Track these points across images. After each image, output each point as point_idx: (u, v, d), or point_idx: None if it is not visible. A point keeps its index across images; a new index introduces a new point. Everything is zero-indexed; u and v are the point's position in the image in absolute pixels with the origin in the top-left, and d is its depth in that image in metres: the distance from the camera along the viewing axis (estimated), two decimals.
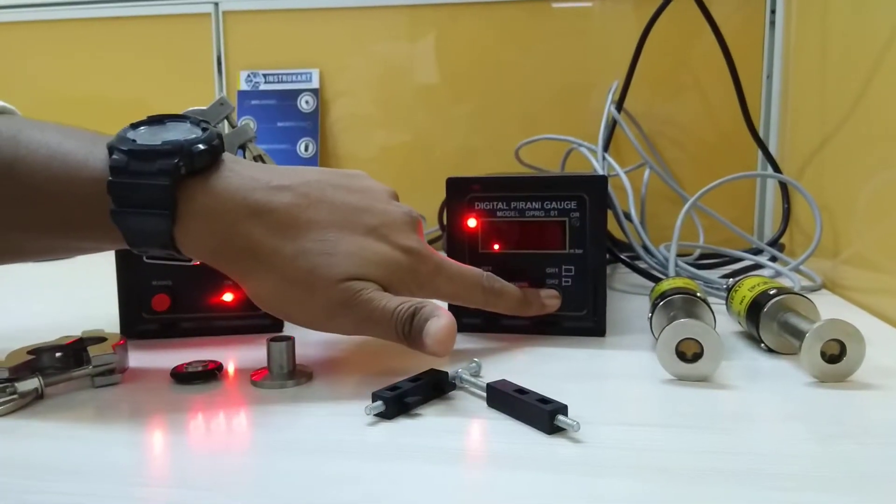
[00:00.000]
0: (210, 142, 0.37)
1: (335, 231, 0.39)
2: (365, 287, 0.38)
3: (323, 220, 0.39)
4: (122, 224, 0.36)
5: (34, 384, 0.36)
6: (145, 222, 0.36)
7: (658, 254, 0.67)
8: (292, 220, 0.38)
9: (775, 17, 0.85)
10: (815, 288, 0.64)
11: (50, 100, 1.05)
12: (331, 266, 0.37)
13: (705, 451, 0.30)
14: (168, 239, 0.37)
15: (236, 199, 0.37)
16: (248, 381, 0.39)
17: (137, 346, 0.45)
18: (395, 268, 0.39)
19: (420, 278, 0.41)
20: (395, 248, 0.40)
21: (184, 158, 0.36)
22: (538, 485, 0.27)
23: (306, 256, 0.37)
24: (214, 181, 0.37)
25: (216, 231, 0.37)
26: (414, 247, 0.41)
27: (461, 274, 0.44)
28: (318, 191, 0.40)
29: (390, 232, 0.40)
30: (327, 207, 0.39)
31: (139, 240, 0.37)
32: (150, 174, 0.36)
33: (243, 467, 0.29)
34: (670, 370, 0.39)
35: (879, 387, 0.37)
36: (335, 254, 0.38)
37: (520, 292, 0.46)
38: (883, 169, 0.56)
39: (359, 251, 0.38)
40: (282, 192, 0.38)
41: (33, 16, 1.04)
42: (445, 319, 0.37)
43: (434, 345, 0.37)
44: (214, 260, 0.38)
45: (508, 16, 0.92)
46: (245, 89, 0.98)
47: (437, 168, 0.92)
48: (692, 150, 0.90)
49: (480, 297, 0.45)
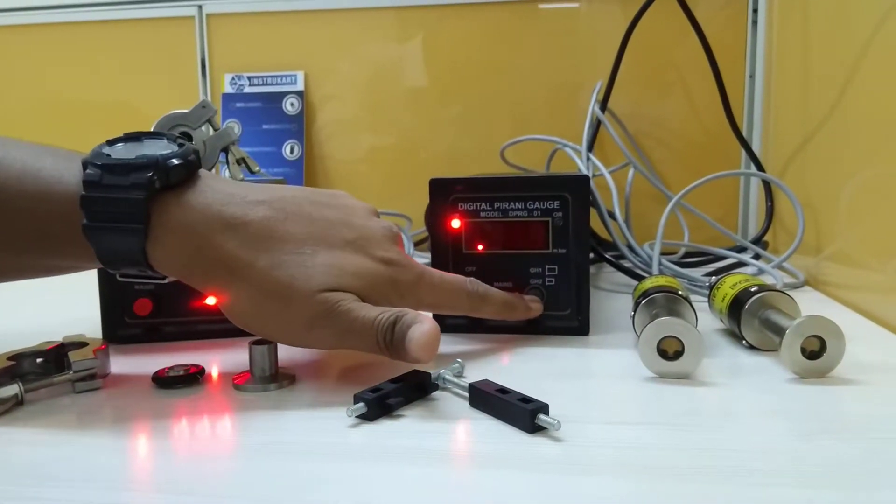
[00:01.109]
0: (185, 157, 0.37)
1: (311, 244, 0.38)
2: (344, 298, 0.37)
3: (299, 233, 0.38)
4: (93, 239, 0.36)
5: (14, 390, 0.36)
6: (118, 237, 0.35)
7: (642, 253, 0.67)
8: (268, 232, 0.37)
9: (757, 16, 0.86)
10: (798, 285, 0.64)
11: (34, 103, 1.04)
12: (308, 278, 0.37)
13: (687, 449, 0.30)
14: (141, 255, 0.36)
15: (210, 212, 0.37)
16: (231, 384, 0.39)
17: (119, 351, 0.45)
18: (373, 279, 0.39)
19: (401, 288, 0.40)
20: (373, 260, 0.39)
21: (158, 172, 0.36)
22: (520, 484, 0.27)
23: (282, 268, 0.37)
24: (189, 196, 0.37)
25: (189, 245, 0.36)
26: (393, 258, 0.40)
27: (444, 281, 0.43)
28: (295, 205, 0.39)
29: (368, 245, 0.40)
30: (304, 221, 0.39)
31: (111, 256, 0.36)
32: (123, 188, 0.35)
33: (226, 471, 0.29)
34: (652, 368, 0.39)
35: (859, 382, 0.38)
36: (312, 266, 0.37)
37: (504, 296, 0.46)
38: (864, 167, 0.57)
39: (336, 263, 0.38)
40: (257, 206, 0.38)
41: (17, 20, 1.03)
42: (428, 325, 0.36)
43: (417, 351, 0.36)
44: (188, 275, 0.37)
45: (495, 17, 0.93)
46: (230, 92, 0.98)
47: (425, 170, 0.92)
48: (676, 150, 0.90)
49: (465, 304, 0.44)
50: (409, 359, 0.36)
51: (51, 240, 0.37)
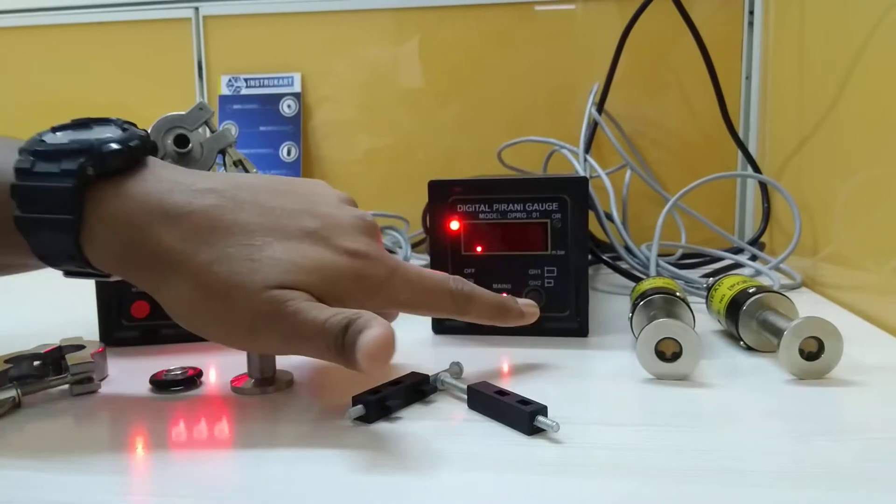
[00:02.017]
0: (126, 142, 0.34)
1: (262, 235, 0.34)
2: (293, 297, 0.32)
3: (250, 222, 0.34)
4: (25, 231, 0.33)
5: (11, 393, 0.36)
6: (51, 230, 0.33)
7: (640, 254, 0.67)
8: (212, 222, 0.33)
9: (753, 18, 0.86)
10: (795, 286, 0.64)
11: (31, 105, 1.04)
12: (252, 272, 0.32)
13: (685, 450, 0.30)
14: (75, 249, 0.33)
15: (150, 201, 0.33)
16: (229, 387, 0.39)
17: (117, 354, 0.45)
18: (333, 274, 0.34)
19: (368, 285, 0.35)
20: (336, 252, 0.35)
21: (93, 158, 0.33)
22: (518, 486, 0.27)
23: (224, 262, 0.33)
24: (128, 184, 0.34)
25: (123, 237, 0.33)
26: (361, 249, 0.35)
27: (422, 278, 0.38)
28: (250, 193, 0.35)
29: (332, 235, 0.35)
30: (257, 210, 0.35)
31: (46, 251, 0.34)
32: (54, 175, 0.32)
33: (224, 474, 0.29)
34: (650, 370, 0.39)
35: (857, 383, 0.38)
36: (259, 259, 0.33)
37: (494, 298, 0.40)
38: (860, 168, 0.57)
39: (288, 256, 0.34)
40: (205, 195, 0.34)
41: (13, 22, 1.03)
42: (379, 329, 0.31)
43: (364, 360, 0.30)
44: (122, 269, 0.34)
45: (492, 18, 0.93)
46: (226, 94, 0.98)
47: (422, 171, 0.92)
48: (673, 151, 0.90)
49: (448, 304, 0.38)
50: (357, 368, 0.31)
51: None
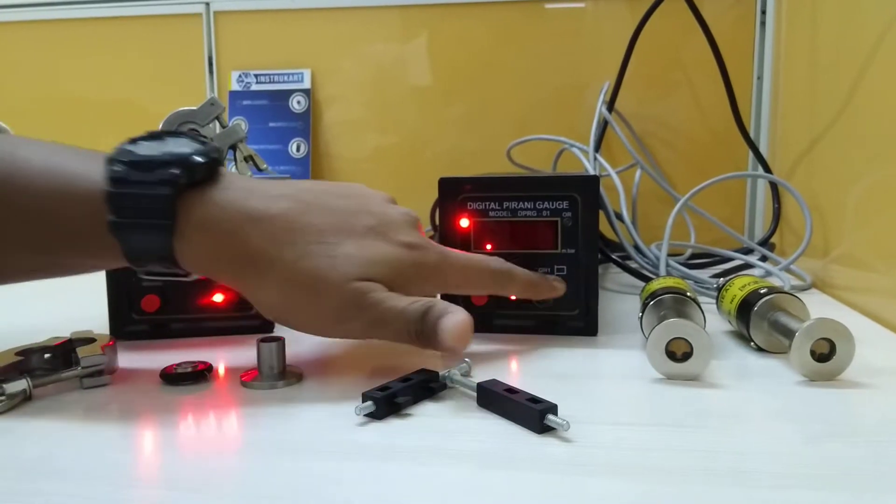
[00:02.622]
0: (209, 154, 0.37)
1: (334, 234, 0.38)
2: (373, 288, 0.38)
3: (321, 223, 0.38)
4: (121, 236, 0.36)
5: (22, 385, 0.36)
6: (145, 234, 0.36)
7: (649, 253, 0.67)
8: (290, 224, 0.38)
9: (766, 17, 0.86)
10: (805, 287, 0.64)
11: (42, 100, 1.04)
12: (333, 268, 0.37)
13: (695, 451, 0.30)
14: (168, 251, 0.36)
15: (234, 207, 0.37)
16: (238, 381, 0.39)
17: (127, 347, 0.45)
18: (397, 264, 0.39)
19: (425, 271, 0.40)
20: (396, 245, 0.40)
21: (184, 169, 0.36)
22: (528, 484, 0.27)
23: (307, 259, 0.37)
24: (212, 192, 0.37)
25: (215, 240, 0.37)
26: (415, 241, 0.41)
27: (469, 261, 0.43)
28: (314, 197, 0.40)
29: (389, 230, 0.40)
30: (324, 211, 0.39)
31: (138, 253, 0.36)
32: (150, 184, 0.35)
33: (233, 468, 0.29)
34: (660, 370, 0.39)
35: (868, 385, 0.37)
36: (336, 255, 0.38)
37: (530, 275, 0.46)
38: (872, 169, 0.56)
39: (359, 251, 0.38)
40: (279, 200, 0.38)
41: (24, 16, 1.03)
42: (462, 314, 0.37)
43: (452, 340, 0.36)
44: (215, 271, 0.38)
45: (501, 16, 0.93)
46: (236, 89, 0.98)
47: (430, 168, 0.92)
48: (683, 151, 0.90)
49: (490, 282, 0.44)
50: (441, 348, 0.37)
51: (76, 238, 0.37)
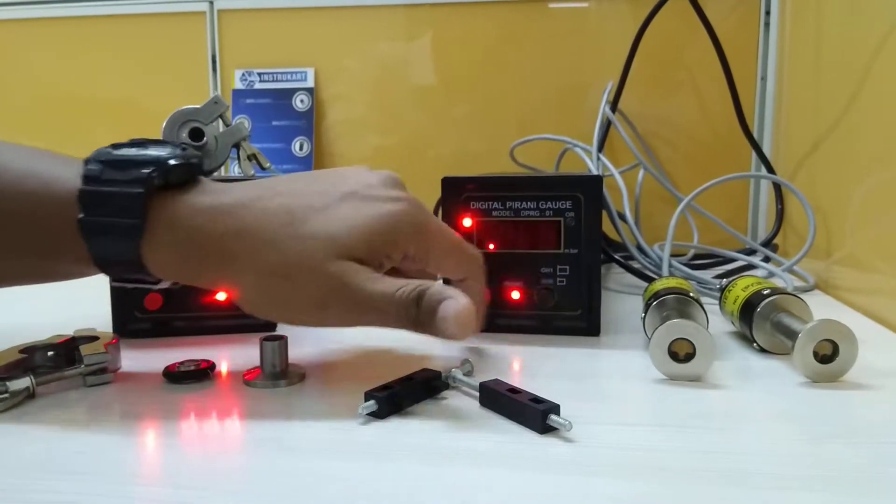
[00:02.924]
0: (187, 159, 0.37)
1: (302, 212, 0.36)
2: (355, 270, 0.35)
3: (291, 203, 0.37)
4: (88, 235, 0.35)
5: (26, 383, 0.36)
6: (113, 234, 0.35)
7: (652, 254, 0.67)
8: (257, 212, 0.36)
9: (770, 18, 0.85)
10: (808, 288, 0.64)
11: (44, 98, 1.04)
12: (302, 250, 0.35)
13: (697, 451, 0.30)
14: (135, 254, 0.35)
15: (203, 205, 0.36)
16: (241, 380, 0.39)
17: (130, 346, 0.45)
18: (376, 224, 0.36)
19: (410, 228, 0.37)
20: (379, 202, 0.37)
21: (158, 170, 0.35)
22: (530, 484, 0.27)
23: (277, 245, 0.35)
24: (186, 195, 0.36)
25: (184, 238, 0.35)
26: (401, 195, 0.38)
27: (453, 234, 0.41)
28: (286, 184, 0.38)
29: (371, 191, 0.38)
30: (296, 194, 0.37)
31: (105, 254, 0.35)
32: (123, 182, 0.35)
33: (236, 467, 0.29)
34: (663, 370, 0.39)
35: (871, 387, 0.37)
36: (304, 236, 0.35)
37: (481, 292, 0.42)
38: (876, 170, 0.56)
39: (330, 227, 0.36)
40: (249, 190, 0.37)
41: (27, 13, 1.03)
42: (462, 299, 0.34)
43: (456, 328, 0.34)
44: (187, 273, 0.37)
45: (505, 16, 0.93)
46: (240, 88, 0.98)
47: (433, 168, 0.92)
48: (687, 151, 0.90)
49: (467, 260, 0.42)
50: (442, 335, 0.34)
51: (50, 241, 0.36)
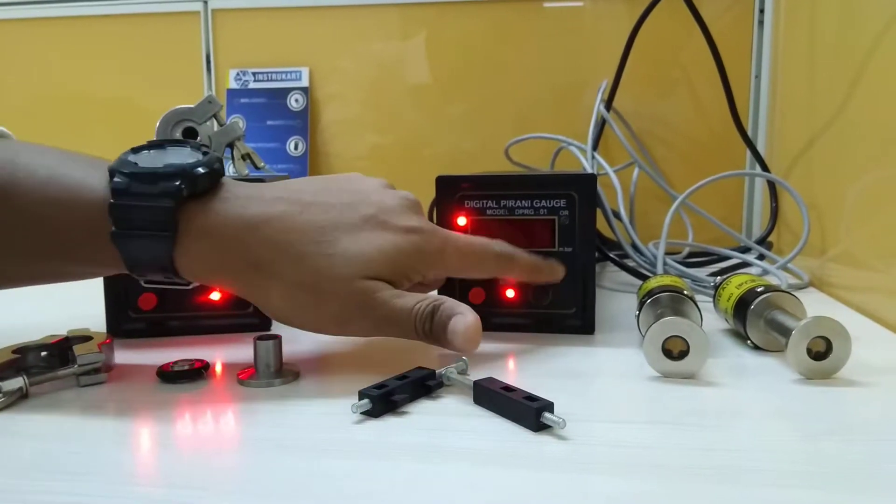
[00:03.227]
0: (211, 165, 0.38)
1: (331, 230, 0.38)
2: (377, 287, 0.38)
3: (318, 220, 0.39)
4: (122, 247, 0.36)
5: (19, 383, 0.36)
6: (146, 245, 0.36)
7: (647, 252, 0.67)
8: (288, 227, 0.38)
9: (764, 16, 0.86)
10: (803, 286, 0.64)
11: (39, 98, 1.04)
12: (332, 267, 0.37)
13: (691, 448, 0.30)
14: (168, 261, 0.36)
15: (233, 215, 0.37)
16: (235, 379, 0.39)
17: (124, 345, 0.45)
18: (396, 253, 0.39)
19: (428, 257, 0.40)
20: (396, 232, 0.39)
21: (186, 181, 0.36)
22: (524, 482, 0.27)
23: (306, 261, 0.37)
24: (212, 202, 0.37)
25: (215, 249, 0.37)
26: (415, 226, 0.40)
27: (471, 245, 0.43)
28: (310, 195, 0.40)
29: (389, 217, 0.40)
30: (320, 209, 0.39)
31: (139, 263, 0.37)
32: (152, 196, 0.36)
33: (230, 466, 0.29)
34: (657, 367, 0.39)
35: (865, 384, 0.38)
36: (334, 254, 0.38)
37: (531, 258, 0.45)
38: (870, 168, 0.57)
39: (358, 247, 0.38)
40: (275, 203, 0.39)
41: (21, 13, 1.03)
42: (471, 316, 0.38)
43: (463, 343, 0.37)
44: (217, 279, 0.39)
45: (500, 15, 0.92)
46: (234, 87, 0.98)
47: (428, 167, 0.92)
48: (681, 149, 0.90)
49: (493, 266, 0.44)
50: (451, 348, 0.38)
51: (76, 247, 0.37)
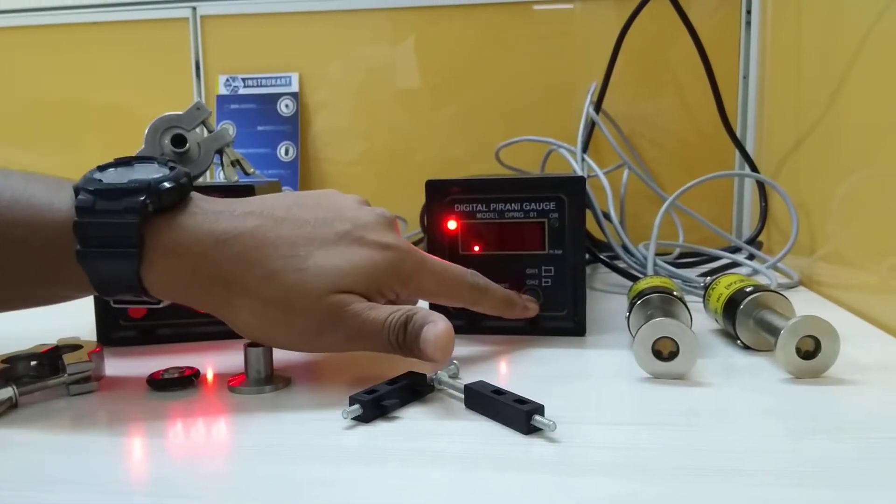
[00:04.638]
0: (177, 180, 0.37)
1: (304, 245, 0.37)
2: (349, 301, 0.37)
3: (290, 235, 0.38)
4: (88, 266, 0.35)
5: (8, 393, 0.36)
6: (112, 263, 0.35)
7: (637, 253, 0.67)
8: (259, 242, 0.37)
9: (751, 17, 0.86)
10: (792, 285, 0.65)
11: (28, 105, 1.03)
12: (304, 282, 0.36)
13: (682, 449, 0.30)
14: (135, 280, 0.36)
15: (202, 231, 0.36)
16: (226, 387, 0.39)
17: (114, 354, 0.45)
18: (371, 269, 0.38)
19: (402, 275, 0.40)
20: (372, 248, 0.39)
21: (151, 196, 0.35)
22: (515, 485, 0.27)
23: (277, 276, 0.36)
24: (180, 218, 0.36)
25: (184, 266, 0.36)
26: (392, 243, 0.39)
27: (445, 270, 0.42)
28: (283, 210, 0.39)
29: (365, 233, 0.39)
30: (294, 224, 0.38)
31: (106, 282, 0.36)
32: (116, 213, 0.35)
33: (222, 473, 0.29)
34: (647, 369, 0.39)
35: (854, 382, 0.38)
36: (306, 269, 0.37)
37: (504, 292, 0.46)
38: (857, 168, 0.57)
39: (331, 262, 0.37)
40: (246, 218, 0.38)
41: (10, 22, 1.03)
42: (442, 324, 0.36)
43: (435, 352, 0.36)
44: (185, 296, 0.37)
45: (489, 18, 0.93)
46: (224, 94, 0.98)
47: (419, 171, 0.91)
48: (671, 150, 0.90)
49: (466, 295, 0.44)
50: (424, 358, 0.36)
51: (44, 268, 0.36)
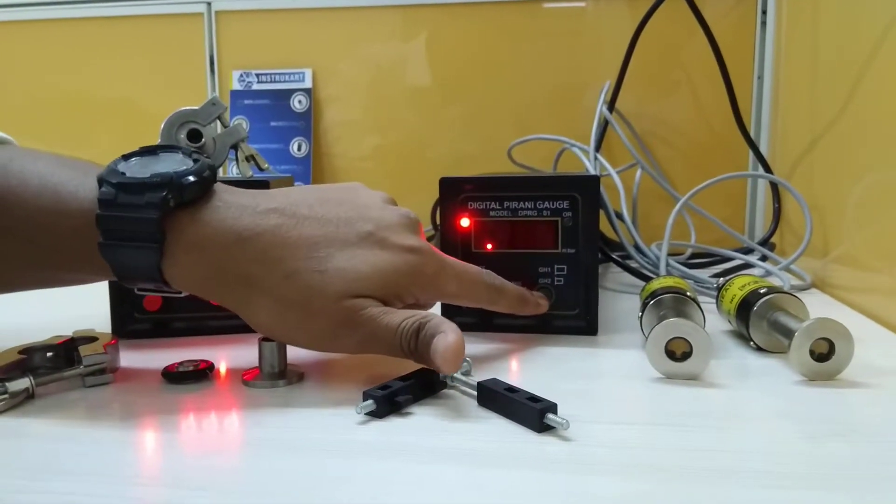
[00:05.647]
0: (200, 173, 0.37)
1: (325, 246, 0.37)
2: (365, 305, 0.37)
3: (312, 235, 0.37)
4: (109, 257, 0.36)
5: (25, 384, 0.36)
6: (133, 255, 0.36)
7: (650, 253, 0.67)
8: (280, 241, 0.37)
9: (766, 17, 0.86)
10: (805, 287, 0.64)
11: (43, 100, 1.04)
12: (323, 285, 0.36)
13: (694, 450, 0.30)
14: (156, 272, 0.36)
15: (223, 227, 0.36)
16: (240, 380, 0.40)
17: (129, 346, 0.45)
18: (392, 273, 0.38)
19: (424, 280, 0.39)
20: (393, 252, 0.38)
21: (173, 191, 0.35)
22: (527, 483, 0.27)
23: (297, 276, 0.36)
24: (203, 212, 0.37)
25: (204, 261, 0.36)
26: (415, 246, 0.39)
27: (465, 272, 0.42)
28: (307, 208, 0.39)
29: (388, 235, 0.39)
30: (316, 223, 0.38)
31: (127, 273, 0.37)
32: (138, 207, 0.35)
33: (235, 467, 0.29)
34: (660, 369, 0.39)
35: (868, 385, 0.38)
36: (326, 270, 0.37)
37: (518, 290, 0.46)
38: (872, 169, 0.57)
39: (351, 265, 0.37)
40: (269, 215, 0.37)
41: (24, 15, 1.03)
42: (453, 336, 0.35)
43: (444, 363, 0.35)
44: (206, 291, 0.38)
45: (501, 16, 0.93)
46: (238, 89, 0.98)
47: (431, 168, 0.92)
48: (684, 150, 0.90)
49: (484, 296, 0.44)
50: (433, 367, 0.36)
51: (68, 255, 0.37)
